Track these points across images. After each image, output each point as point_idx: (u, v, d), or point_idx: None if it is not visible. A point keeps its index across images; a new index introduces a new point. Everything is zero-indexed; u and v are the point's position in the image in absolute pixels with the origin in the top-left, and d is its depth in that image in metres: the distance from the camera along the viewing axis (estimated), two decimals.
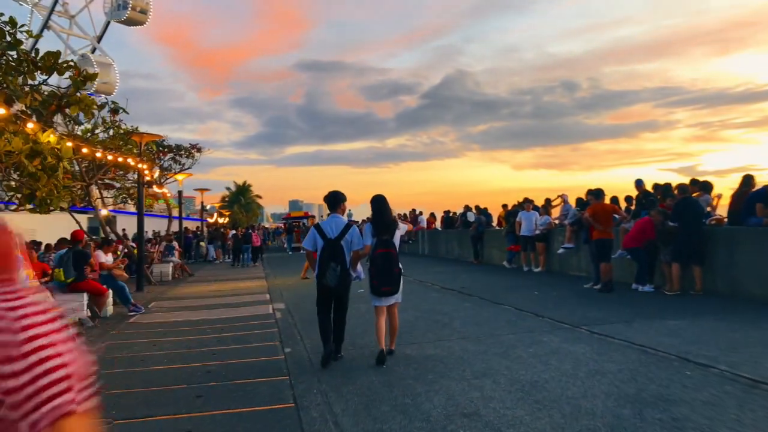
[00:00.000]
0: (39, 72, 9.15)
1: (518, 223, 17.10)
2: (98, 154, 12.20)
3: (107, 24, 48.13)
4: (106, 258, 12.07)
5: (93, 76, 9.64)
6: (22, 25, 8.74)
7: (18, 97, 9.54)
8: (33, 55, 8.83)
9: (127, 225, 39.15)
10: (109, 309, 11.99)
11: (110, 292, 11.86)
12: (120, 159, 13.96)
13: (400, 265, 6.94)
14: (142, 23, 48.55)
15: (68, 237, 11.18)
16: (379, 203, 6.97)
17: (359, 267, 7.04)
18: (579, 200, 15.65)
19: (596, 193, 12.34)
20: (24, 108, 10.65)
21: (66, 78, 9.25)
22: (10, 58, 8.65)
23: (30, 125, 8.53)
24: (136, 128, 16.55)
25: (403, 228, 7.19)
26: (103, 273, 11.77)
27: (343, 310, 7.01)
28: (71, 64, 9.26)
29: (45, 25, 43.19)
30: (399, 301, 7.08)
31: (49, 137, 8.81)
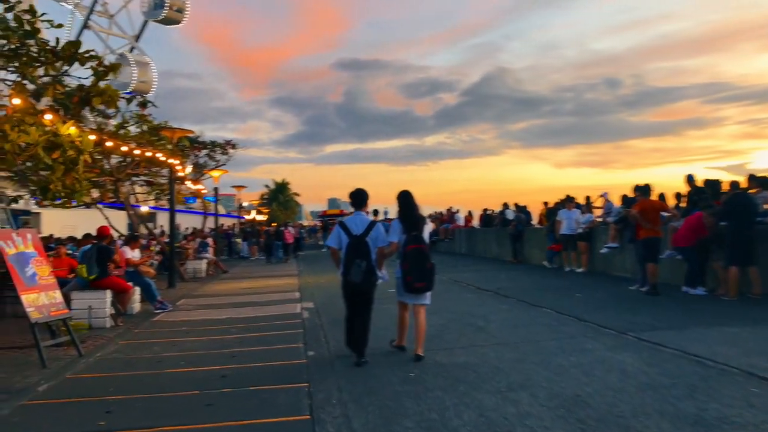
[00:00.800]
0: (60, 63, 8.88)
1: (558, 222, 16.35)
2: (124, 148, 11.97)
3: (145, 23, 48.71)
4: (133, 254, 11.83)
5: (115, 67, 9.33)
6: (43, 14, 8.49)
7: (41, 92, 9.33)
8: (53, 45, 8.55)
9: (167, 222, 39.31)
10: (136, 306, 11.75)
11: (136, 289, 11.61)
12: (149, 153, 13.73)
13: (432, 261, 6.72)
14: (179, 22, 48.97)
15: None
16: (405, 199, 6.82)
17: (384, 268, 6.82)
18: (624, 197, 14.84)
19: (644, 189, 11.58)
20: (51, 102, 10.49)
21: (86, 68, 8.95)
22: (31, 49, 8.39)
23: (48, 116, 8.25)
24: (166, 122, 16.37)
25: (429, 226, 6.97)
26: (129, 269, 11.53)
27: (368, 311, 6.79)
28: (93, 54, 8.96)
29: (85, 25, 43.85)
30: (427, 304, 6.83)
31: (69, 129, 8.53)
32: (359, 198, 6.94)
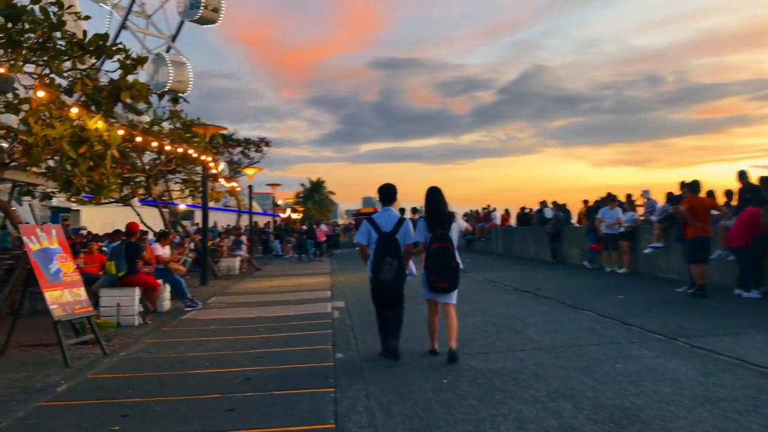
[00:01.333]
0: (88, 56, 8.75)
1: (598, 220, 15.74)
2: (154, 144, 11.85)
3: (181, 23, 49.26)
4: (163, 251, 11.70)
5: (143, 60, 9.18)
6: (69, 6, 8.36)
7: (72, 87, 9.22)
8: (80, 37, 8.41)
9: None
10: (166, 304, 11.62)
11: (166, 286, 11.48)
12: (180, 150, 13.61)
13: (459, 260, 6.53)
14: (215, 22, 49.38)
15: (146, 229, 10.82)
16: (433, 196, 6.61)
17: (411, 264, 6.76)
18: (669, 195, 14.17)
19: (692, 186, 10.97)
20: (83, 98, 10.45)
21: (114, 61, 8.81)
22: (58, 43, 8.26)
23: (74, 110, 8.11)
24: (198, 119, 16.26)
25: (461, 224, 6.76)
26: (159, 266, 11.40)
27: (400, 307, 6.75)
28: (120, 47, 8.82)
29: (122, 26, 44.47)
30: (454, 303, 6.59)
31: (97, 124, 8.37)
32: (388, 193, 6.83)
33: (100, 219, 31.52)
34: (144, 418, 4.82)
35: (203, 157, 15.47)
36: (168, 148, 12.96)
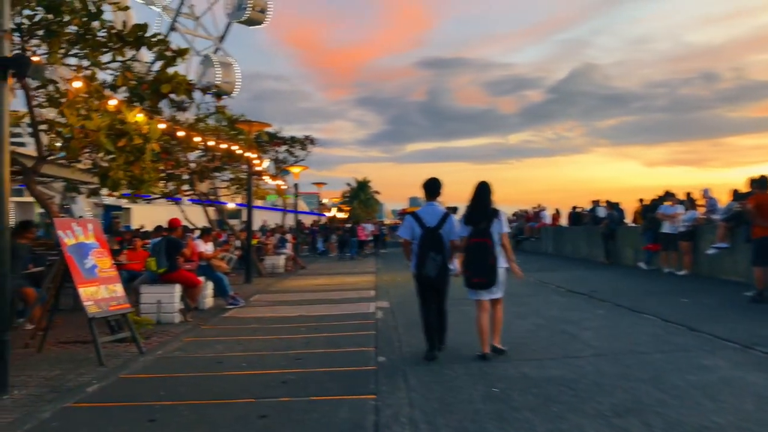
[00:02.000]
0: (127, 47, 8.59)
1: (662, 215, 14.75)
2: (197, 139, 11.70)
3: (229, 24, 49.82)
4: (206, 247, 11.53)
5: (183, 52, 8.97)
6: None
7: (115, 83, 9.11)
8: (120, 29, 8.25)
9: (254, 218, 39.93)
10: (208, 301, 11.44)
11: (208, 283, 11.30)
12: (224, 146, 13.46)
13: (500, 258, 6.32)
14: (262, 22, 49.75)
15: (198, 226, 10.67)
16: (479, 190, 6.43)
17: (455, 260, 6.65)
18: (735, 192, 13.28)
19: (761, 182, 10.15)
20: (126, 94, 10.36)
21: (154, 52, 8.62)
22: (97, 34, 8.11)
23: (113, 102, 7.94)
24: (242, 116, 16.13)
25: (503, 225, 6.45)
26: (202, 263, 11.23)
27: (443, 302, 6.67)
28: (160, 38, 8.63)
29: (172, 27, 45.13)
30: (500, 297, 6.45)
31: (136, 117, 8.19)
32: (432, 187, 6.70)
33: (151, 217, 31.99)
34: (171, 424, 4.53)
35: (248, 154, 15.31)
36: (211, 143, 12.80)
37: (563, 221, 27.09)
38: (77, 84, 7.50)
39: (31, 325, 8.27)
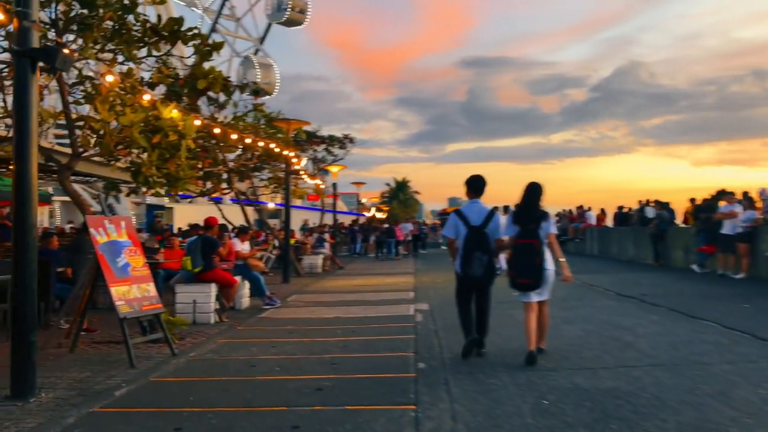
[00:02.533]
0: (163, 42, 8.42)
1: (724, 213, 13.92)
2: (234, 136, 11.52)
3: (269, 26, 50.13)
4: (242, 246, 11.34)
5: (219, 46, 8.77)
6: None
7: (152, 80, 8.99)
8: (155, 22, 8.09)
9: (295, 218, 40.06)
10: (244, 301, 11.25)
11: (244, 283, 11.11)
12: (261, 144, 13.28)
13: (548, 259, 6.16)
14: (301, 23, 49.92)
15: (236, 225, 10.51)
16: (530, 191, 6.31)
17: (501, 258, 6.67)
18: None
19: None
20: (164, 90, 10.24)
21: (191, 46, 8.42)
22: (132, 28, 7.95)
23: (146, 97, 7.76)
24: (280, 113, 15.96)
25: (551, 227, 6.31)
26: (238, 263, 11.04)
27: (487, 301, 6.53)
28: (196, 32, 8.44)
29: (213, 28, 45.54)
30: (546, 299, 6.31)
31: (172, 113, 8.00)
32: (477, 185, 6.58)
33: (194, 217, 32.26)
34: None
35: (285, 152, 15.12)
36: (248, 141, 12.62)
37: (608, 222, 26.32)
38: (110, 78, 7.34)
39: (66, 323, 8.18)
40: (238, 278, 10.71)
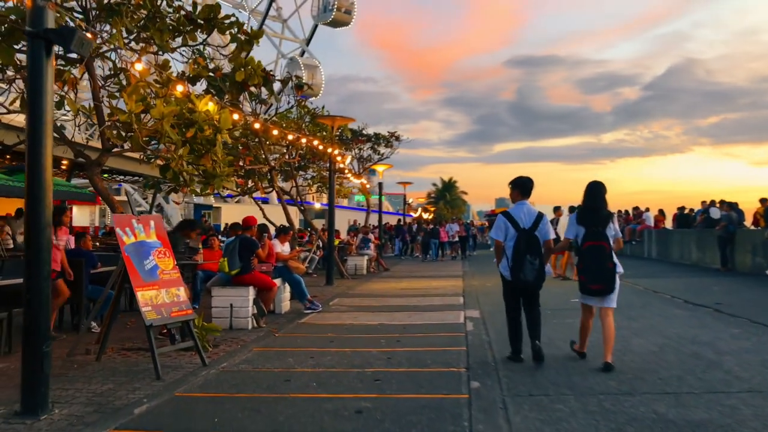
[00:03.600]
0: (199, 31, 7.95)
1: None
2: (275, 132, 11.01)
3: (315, 27, 49.97)
4: (283, 248, 10.81)
5: (258, 35, 8.24)
6: None
7: (192, 74, 8.56)
8: (189, 10, 7.61)
9: (341, 219, 39.72)
10: (285, 305, 10.74)
11: (284, 286, 10.59)
12: (304, 140, 12.76)
13: (617, 261, 5.88)
14: (347, 24, 49.58)
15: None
16: (593, 189, 6.11)
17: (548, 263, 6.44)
18: None
19: None
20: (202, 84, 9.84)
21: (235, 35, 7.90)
22: (166, 15, 7.49)
23: (179, 88, 7.28)
24: (323, 108, 15.42)
25: (616, 230, 6.07)
26: (278, 265, 10.52)
27: (538, 307, 6.31)
28: (233, 20, 7.92)
29: (259, 30, 45.61)
30: (612, 307, 5.97)
31: (207, 105, 7.50)
32: (525, 186, 6.43)
33: (241, 217, 32.19)
34: None
35: (329, 150, 14.59)
36: (291, 138, 12.10)
37: (667, 223, 25.03)
38: (139, 67, 6.87)
39: (98, 327, 7.80)
40: (278, 281, 10.20)
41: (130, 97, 6.88)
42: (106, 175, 23.74)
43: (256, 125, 10.44)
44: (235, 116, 9.32)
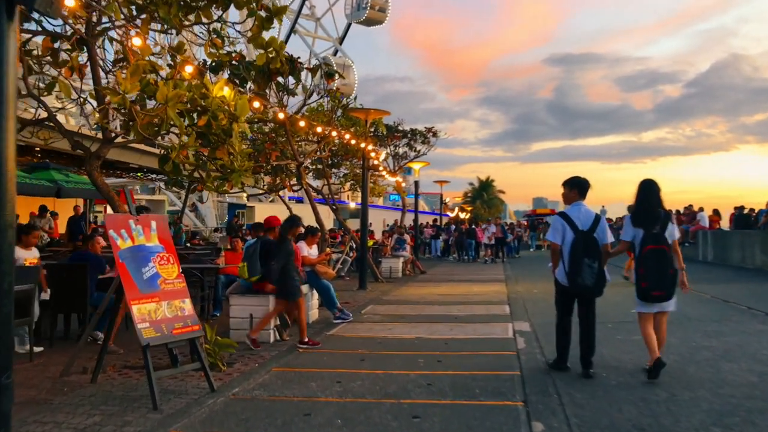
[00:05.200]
0: (214, 6, 7.03)
1: None
2: (302, 123, 10.05)
3: (348, 26, 49.34)
4: (309, 251, 9.82)
5: (281, 11, 7.27)
6: None
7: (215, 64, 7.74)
8: None
9: (376, 219, 38.69)
10: (313, 313, 9.80)
11: (312, 293, 9.65)
12: (334, 133, 11.78)
13: (677, 266, 5.68)
14: (381, 22, 48.77)
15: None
16: (647, 189, 5.81)
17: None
18: None
19: None
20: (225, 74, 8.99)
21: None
22: None
23: (188, 68, 6.36)
24: (355, 98, 14.41)
25: (675, 231, 5.81)
26: (305, 269, 9.55)
27: (593, 314, 5.98)
28: None
29: (292, 30, 44.88)
30: (671, 310, 5.82)
31: (221, 91, 6.57)
32: (582, 186, 6.13)
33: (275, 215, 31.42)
34: None
35: (363, 145, 13.60)
36: (319, 130, 11.14)
37: (723, 224, 23.50)
38: (137, 42, 5.96)
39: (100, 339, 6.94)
40: (304, 288, 9.25)
41: (133, 78, 5.98)
42: (140, 174, 23.15)
43: (281, 115, 9.48)
44: (256, 104, 8.40)
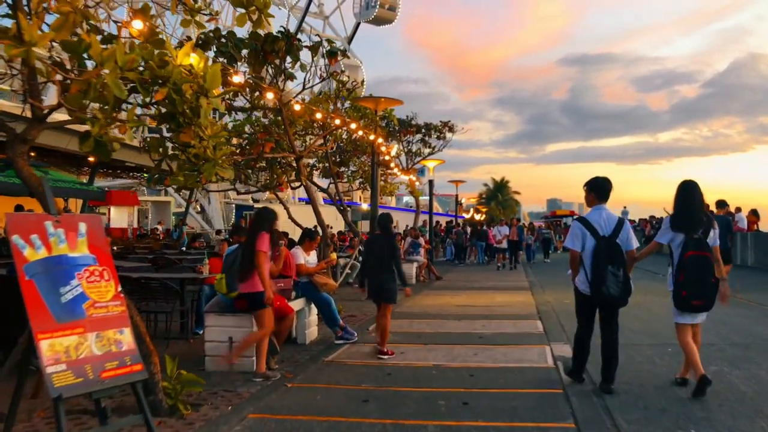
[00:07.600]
0: None
1: None
2: (297, 107, 8.58)
3: (357, 25, 48.24)
4: (306, 258, 8.31)
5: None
6: None
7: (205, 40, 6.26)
8: None
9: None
10: (312, 331, 8.33)
11: (310, 308, 8.18)
12: (338, 121, 10.29)
13: (717, 275, 5.28)
14: (391, 21, 47.57)
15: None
16: (688, 190, 5.43)
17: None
18: None
19: None
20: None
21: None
22: None
23: (137, 24, 4.88)
24: (363, 82, 12.91)
25: (715, 237, 5.36)
26: (301, 280, 8.07)
27: (616, 324, 5.64)
28: None
29: (299, 28, 43.51)
30: (702, 321, 5.55)
31: (186, 58, 5.07)
32: (603, 189, 5.80)
33: (283, 217, 29.95)
34: None
35: (372, 138, 12.12)
36: (319, 116, 9.66)
37: (762, 226, 21.82)
38: None
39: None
40: (300, 302, 7.80)
41: (67, 32, 4.51)
42: (145, 174, 21.73)
43: (269, 95, 8.00)
44: (236, 78, 6.93)
